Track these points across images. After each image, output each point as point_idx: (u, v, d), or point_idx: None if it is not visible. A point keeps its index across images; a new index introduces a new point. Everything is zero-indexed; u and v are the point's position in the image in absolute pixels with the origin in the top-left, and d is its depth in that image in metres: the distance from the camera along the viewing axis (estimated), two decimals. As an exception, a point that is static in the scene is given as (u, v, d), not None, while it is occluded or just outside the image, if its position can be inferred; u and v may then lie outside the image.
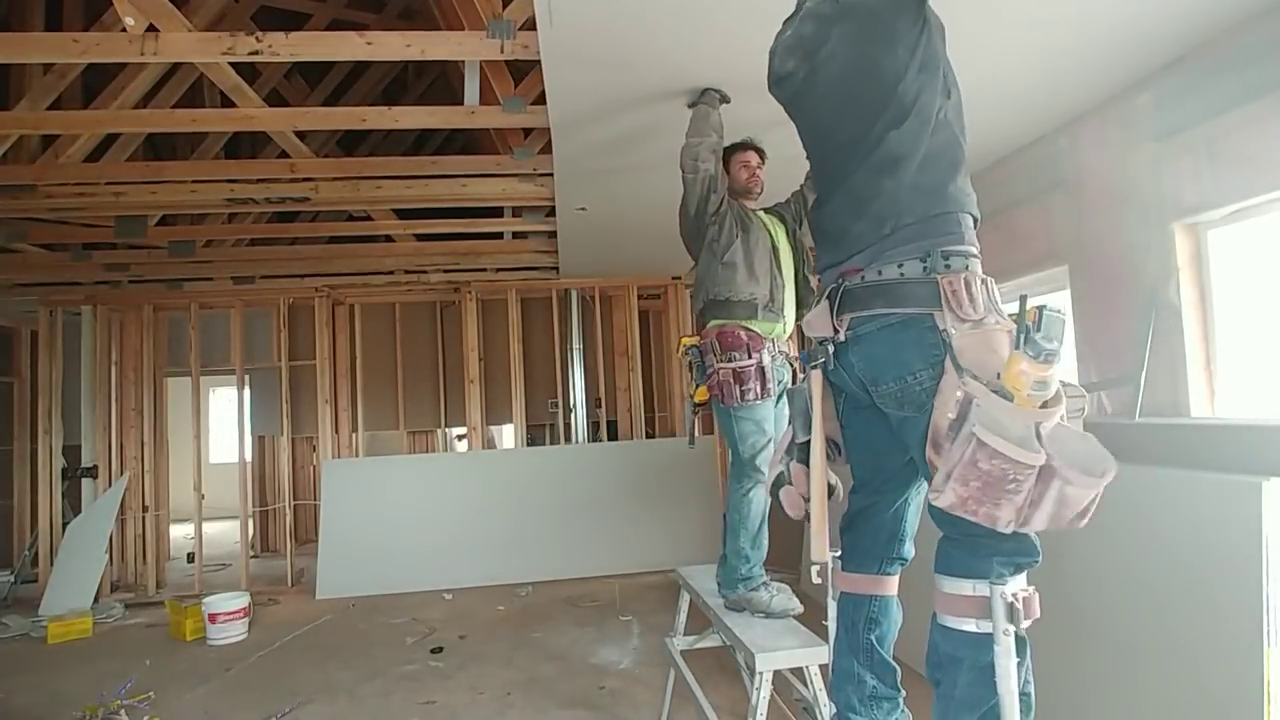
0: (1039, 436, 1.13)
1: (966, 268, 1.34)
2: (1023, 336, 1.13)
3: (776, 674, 2.05)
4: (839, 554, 1.64)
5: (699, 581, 2.64)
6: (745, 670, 2.53)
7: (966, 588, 1.29)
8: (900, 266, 1.36)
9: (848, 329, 1.43)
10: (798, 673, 2.19)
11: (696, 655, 2.73)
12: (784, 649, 2.01)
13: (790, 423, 1.62)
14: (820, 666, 2.03)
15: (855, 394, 1.50)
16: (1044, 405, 1.15)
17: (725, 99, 2.58)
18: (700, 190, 2.39)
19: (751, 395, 2.27)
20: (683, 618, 2.77)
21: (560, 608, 4.80)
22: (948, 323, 1.28)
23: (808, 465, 1.52)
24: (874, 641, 1.59)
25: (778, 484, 1.62)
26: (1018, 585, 1.27)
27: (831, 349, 1.47)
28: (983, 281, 1.32)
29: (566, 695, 3.32)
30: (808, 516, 1.52)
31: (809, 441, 1.53)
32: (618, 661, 3.73)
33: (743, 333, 2.32)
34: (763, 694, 1.96)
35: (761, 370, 2.27)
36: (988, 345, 1.24)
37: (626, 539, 5.65)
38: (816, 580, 1.67)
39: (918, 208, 1.38)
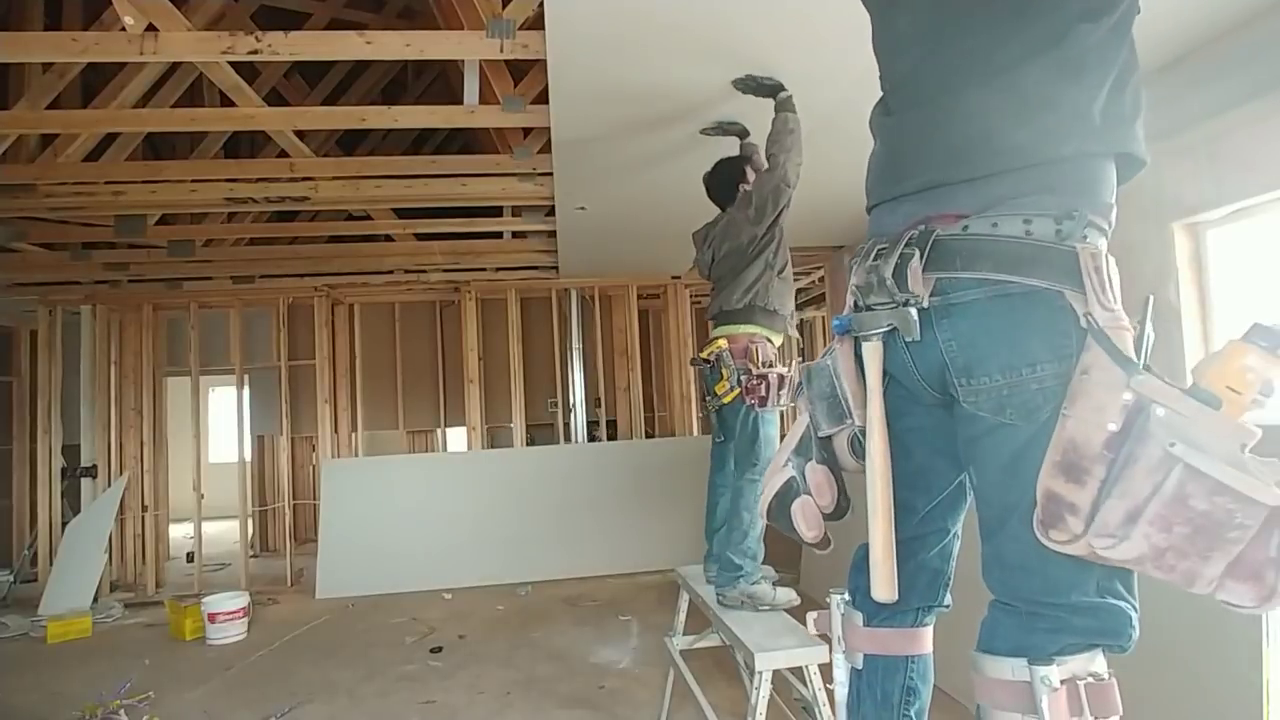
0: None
1: (1099, 246, 1.02)
2: (1252, 327, 0.85)
3: (776, 673, 2.05)
4: (847, 597, 1.28)
5: (698, 581, 2.63)
6: (744, 670, 2.53)
7: (1005, 669, 0.99)
8: (1028, 222, 1.00)
9: (933, 294, 1.05)
10: (797, 672, 2.19)
11: (696, 655, 2.73)
12: (783, 648, 2.01)
13: (807, 412, 1.26)
14: (820, 666, 2.04)
15: (913, 384, 1.13)
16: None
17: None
18: (786, 205, 2.47)
19: (777, 401, 2.39)
20: (682, 617, 2.77)
21: (559, 607, 4.80)
22: (1090, 305, 0.95)
23: (831, 467, 1.21)
24: (913, 718, 1.22)
25: (786, 495, 1.26)
26: (1080, 666, 0.96)
27: (916, 316, 1.06)
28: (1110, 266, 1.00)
29: (566, 695, 3.31)
30: (825, 540, 1.23)
31: (832, 437, 1.21)
32: (617, 661, 3.73)
33: (774, 344, 2.50)
34: (762, 693, 1.96)
35: (781, 379, 2.40)
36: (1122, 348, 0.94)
37: (626, 539, 5.65)
38: (814, 632, 1.33)
39: (1108, 138, 1.01)
